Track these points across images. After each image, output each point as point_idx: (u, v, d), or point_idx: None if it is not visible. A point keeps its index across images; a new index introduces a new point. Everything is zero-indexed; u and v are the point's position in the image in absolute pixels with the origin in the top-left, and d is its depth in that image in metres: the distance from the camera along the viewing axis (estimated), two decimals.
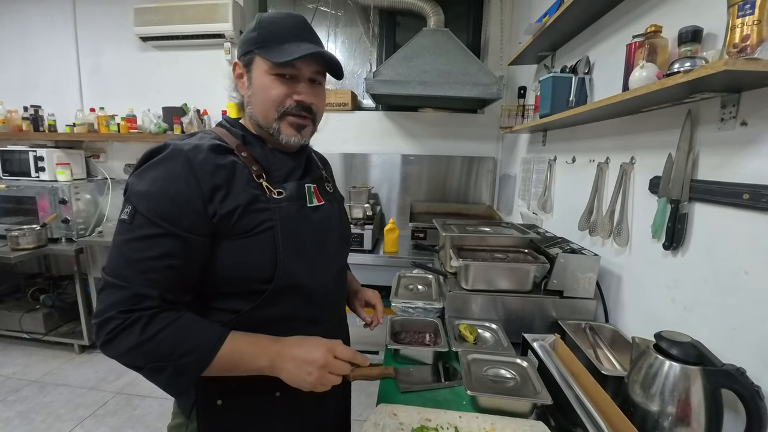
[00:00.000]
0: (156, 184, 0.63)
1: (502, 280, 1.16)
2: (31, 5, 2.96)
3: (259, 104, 0.73)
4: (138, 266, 0.61)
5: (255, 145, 0.76)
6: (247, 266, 0.68)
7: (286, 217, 0.72)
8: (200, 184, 0.64)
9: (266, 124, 0.74)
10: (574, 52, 1.59)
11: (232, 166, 0.69)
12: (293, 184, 0.76)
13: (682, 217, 0.89)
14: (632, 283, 1.11)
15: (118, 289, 0.61)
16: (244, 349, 0.65)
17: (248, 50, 0.72)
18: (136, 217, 0.62)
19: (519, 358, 0.94)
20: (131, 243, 0.62)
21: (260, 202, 0.70)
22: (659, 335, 0.75)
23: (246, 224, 0.68)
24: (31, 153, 2.68)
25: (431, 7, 2.45)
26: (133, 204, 0.63)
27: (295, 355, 0.65)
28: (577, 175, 1.50)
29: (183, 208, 0.63)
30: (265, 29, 0.71)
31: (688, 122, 0.88)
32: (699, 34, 0.81)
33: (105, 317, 0.60)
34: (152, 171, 0.64)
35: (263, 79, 0.72)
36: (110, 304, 0.60)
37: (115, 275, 0.61)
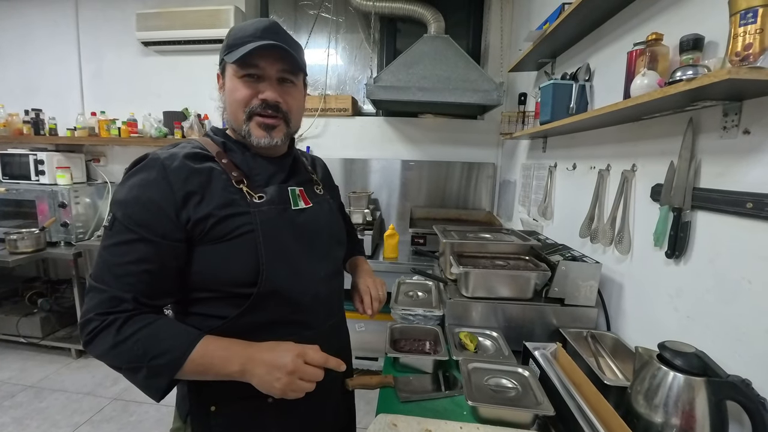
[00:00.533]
0: (132, 192, 0.66)
1: (503, 287, 1.15)
2: (34, 10, 2.98)
3: (229, 107, 0.75)
4: (115, 270, 0.64)
5: (236, 151, 0.77)
6: (226, 270, 0.69)
7: (266, 221, 0.72)
8: (173, 190, 0.66)
9: (237, 127, 0.75)
10: (574, 59, 1.59)
11: (209, 171, 0.70)
12: (274, 188, 0.76)
13: (685, 225, 0.88)
14: (634, 291, 1.10)
15: (99, 292, 0.64)
16: (215, 353, 0.64)
17: (220, 60, 0.75)
18: (115, 224, 0.66)
19: (520, 367, 0.93)
20: (110, 248, 0.65)
21: (238, 206, 0.70)
22: (663, 345, 0.74)
23: (222, 229, 0.68)
24: (31, 156, 2.68)
25: (432, 14, 2.46)
26: (113, 211, 0.67)
27: (265, 360, 0.64)
28: (578, 182, 1.50)
29: (156, 214, 0.65)
30: (232, 36, 0.73)
31: (689, 130, 0.88)
32: (700, 42, 0.81)
33: (86, 318, 0.63)
34: (131, 179, 0.68)
35: (231, 82, 0.73)
36: (91, 306, 0.63)
37: (97, 279, 0.65)
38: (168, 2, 2.76)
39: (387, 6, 2.56)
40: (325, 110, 2.75)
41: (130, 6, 2.78)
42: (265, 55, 0.71)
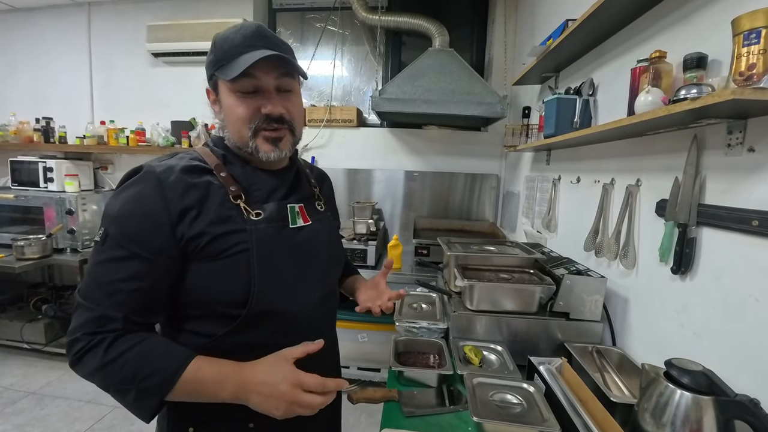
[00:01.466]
0: (125, 206, 0.63)
1: (508, 300, 1.15)
2: (47, 19, 3.06)
3: (231, 126, 0.71)
4: (106, 288, 0.61)
5: (235, 165, 0.74)
6: (217, 290, 0.66)
7: (263, 239, 0.69)
8: (169, 205, 0.64)
9: (243, 144, 0.71)
10: (577, 74, 1.61)
11: (206, 186, 0.68)
12: (273, 205, 0.73)
13: (690, 241, 0.88)
14: (639, 306, 1.10)
15: (87, 311, 0.61)
16: (206, 377, 0.61)
17: (211, 74, 0.71)
18: (107, 240, 0.63)
19: (525, 382, 0.93)
20: (101, 265, 0.62)
21: (234, 223, 0.68)
22: (669, 363, 0.74)
23: (217, 246, 0.66)
24: (40, 164, 2.72)
25: (436, 28, 2.50)
26: (105, 226, 0.64)
27: (261, 389, 0.61)
28: (582, 195, 1.50)
29: (150, 230, 0.63)
30: (219, 48, 0.69)
31: (694, 147, 0.88)
32: (704, 60, 0.83)
33: (73, 338, 0.61)
34: (124, 193, 0.65)
35: (228, 99, 0.70)
36: (79, 324, 0.61)
37: (85, 296, 0.62)
38: (178, 15, 2.83)
39: (393, 20, 2.60)
40: (330, 121, 2.78)
41: (142, 18, 2.85)
42: (260, 64, 0.66)
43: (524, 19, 2.46)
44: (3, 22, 3.12)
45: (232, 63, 0.67)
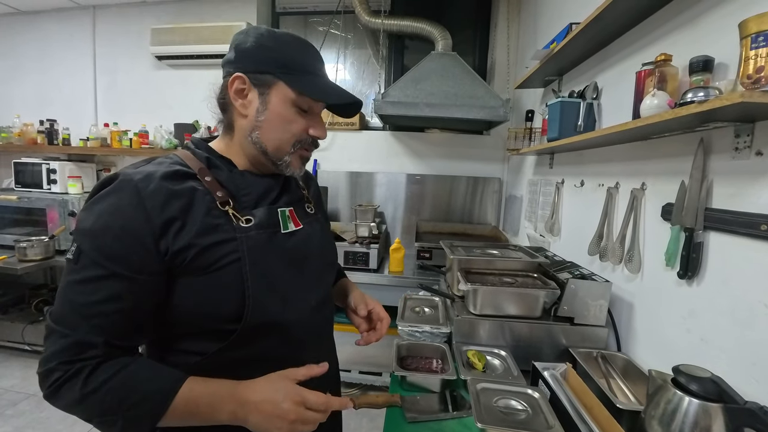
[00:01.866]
0: (100, 220, 0.57)
1: (511, 305, 1.14)
2: (52, 22, 3.08)
3: (275, 134, 0.67)
4: (82, 311, 0.55)
5: (221, 168, 0.68)
6: (209, 305, 0.61)
7: (254, 248, 0.64)
8: (150, 217, 0.58)
9: (276, 156, 0.68)
10: (581, 78, 1.61)
11: (191, 193, 0.62)
12: (263, 210, 0.68)
13: (697, 246, 0.87)
14: (645, 311, 1.09)
15: (61, 337, 0.55)
16: (200, 399, 0.57)
17: (266, 70, 0.65)
18: (81, 257, 0.56)
19: (530, 388, 0.91)
20: (75, 285, 0.56)
21: (223, 232, 0.62)
22: (677, 369, 0.72)
23: (206, 259, 0.60)
24: (44, 165, 2.73)
25: (439, 32, 2.51)
26: (78, 242, 0.57)
27: (261, 407, 0.57)
28: (586, 199, 1.49)
29: (130, 246, 0.57)
30: (284, 52, 0.65)
31: (700, 150, 0.88)
32: (710, 63, 0.82)
33: (46, 368, 0.55)
34: (98, 204, 0.58)
35: (283, 108, 0.66)
36: (52, 353, 0.54)
37: (58, 321, 0.56)
38: (182, 18, 2.85)
39: (395, 24, 2.61)
40: (332, 124, 2.79)
41: (146, 21, 2.87)
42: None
43: (527, 23, 2.46)
44: (8, 25, 3.15)
45: (308, 79, 0.66)
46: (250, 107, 0.66)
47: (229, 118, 0.70)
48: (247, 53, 0.65)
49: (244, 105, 0.67)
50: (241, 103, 0.67)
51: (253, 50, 0.65)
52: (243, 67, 0.65)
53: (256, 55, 0.65)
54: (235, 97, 0.66)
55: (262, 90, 0.66)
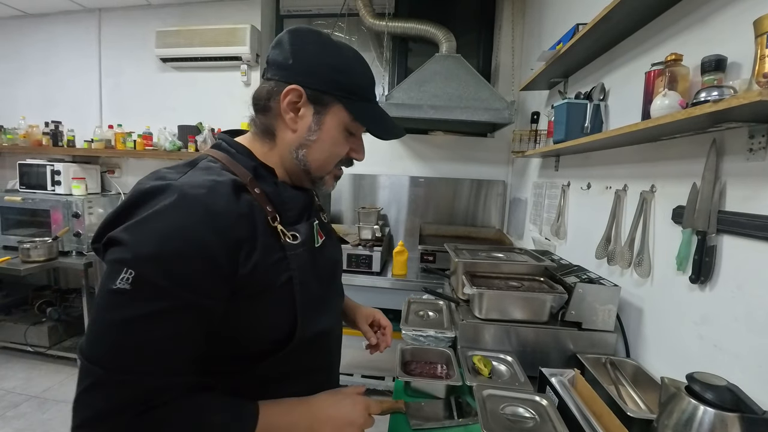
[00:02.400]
0: (169, 243, 0.49)
1: (518, 309, 1.12)
2: (58, 25, 3.10)
3: (322, 155, 0.64)
4: (150, 352, 0.48)
5: (267, 180, 0.63)
6: (259, 329, 0.59)
7: (302, 267, 0.62)
8: (223, 240, 0.52)
9: (317, 174, 0.66)
10: (587, 79, 1.59)
11: (251, 210, 0.57)
12: (305, 226, 0.66)
13: (710, 249, 0.85)
14: (655, 316, 1.06)
15: (119, 386, 0.46)
16: (278, 421, 0.57)
17: (328, 90, 0.61)
18: (144, 287, 0.47)
19: (537, 395, 0.89)
20: (138, 321, 0.47)
21: (276, 251, 0.59)
22: (691, 377, 0.70)
23: (264, 281, 0.57)
24: (48, 167, 2.74)
25: (443, 34, 2.50)
26: (137, 269, 0.47)
27: (334, 418, 0.61)
28: (593, 202, 1.47)
29: (205, 272, 0.50)
30: (349, 75, 0.62)
31: (713, 151, 0.86)
32: (723, 63, 0.80)
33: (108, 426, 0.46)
34: (157, 223, 0.49)
35: (336, 132, 0.64)
36: (114, 408, 0.46)
37: (112, 368, 0.46)
38: (187, 21, 2.86)
39: (399, 26, 2.61)
40: None
41: (151, 24, 2.88)
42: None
43: (531, 25, 2.45)
44: (16, 28, 3.18)
45: (367, 107, 0.65)
46: (300, 123, 0.62)
47: (270, 125, 0.64)
48: (309, 65, 0.61)
49: (294, 120, 0.62)
50: (291, 117, 0.62)
51: (315, 62, 0.61)
52: (303, 80, 0.60)
53: (320, 71, 0.61)
54: (287, 109, 0.61)
55: (318, 109, 0.62)
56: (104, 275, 0.49)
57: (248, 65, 2.80)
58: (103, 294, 0.48)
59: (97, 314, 0.49)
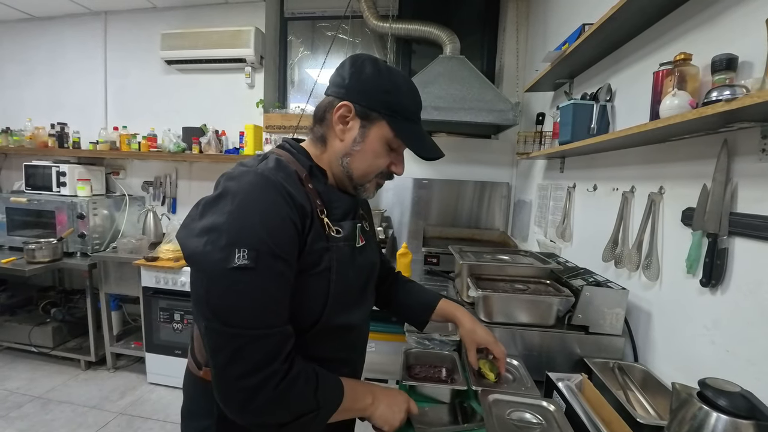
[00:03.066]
0: (269, 218, 0.60)
1: (523, 312, 1.10)
2: (64, 28, 3.13)
3: (363, 164, 0.72)
4: (276, 307, 0.60)
5: (319, 179, 0.73)
6: (295, 307, 0.65)
7: (341, 259, 0.70)
8: (300, 214, 0.63)
9: (359, 182, 0.74)
10: (593, 80, 1.57)
11: (307, 197, 0.67)
12: (349, 224, 0.74)
13: (721, 252, 0.83)
14: (664, 320, 1.04)
15: (263, 338, 0.58)
16: (356, 390, 0.70)
17: (375, 108, 0.69)
18: (261, 258, 0.57)
19: (545, 400, 0.87)
20: (265, 288, 0.58)
21: (321, 240, 0.67)
22: (703, 383, 0.68)
23: (310, 262, 0.66)
24: (54, 168, 2.75)
25: (447, 35, 2.49)
26: (252, 245, 0.57)
27: (387, 397, 0.74)
28: (599, 204, 1.45)
29: (294, 239, 0.62)
30: (396, 96, 0.70)
31: (724, 152, 0.84)
32: (734, 62, 0.79)
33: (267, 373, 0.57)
34: (253, 204, 0.60)
35: (378, 145, 0.71)
36: (265, 356, 0.57)
37: (256, 326, 0.57)
38: (191, 23, 2.87)
39: (403, 27, 2.61)
40: None
41: (156, 27, 2.90)
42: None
43: (536, 26, 2.44)
44: (23, 30, 3.21)
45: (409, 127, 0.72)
46: (348, 134, 0.71)
47: (324, 133, 0.74)
48: (362, 85, 0.69)
49: (343, 131, 0.71)
50: (341, 128, 0.71)
51: (368, 83, 0.69)
52: (354, 97, 0.69)
53: (370, 91, 0.69)
54: (338, 121, 0.71)
55: (364, 123, 0.70)
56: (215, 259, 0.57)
57: (252, 67, 2.81)
58: (219, 275, 0.57)
59: (216, 292, 0.57)
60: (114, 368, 2.67)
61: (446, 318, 0.99)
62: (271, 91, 3.01)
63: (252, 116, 2.84)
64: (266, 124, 2.81)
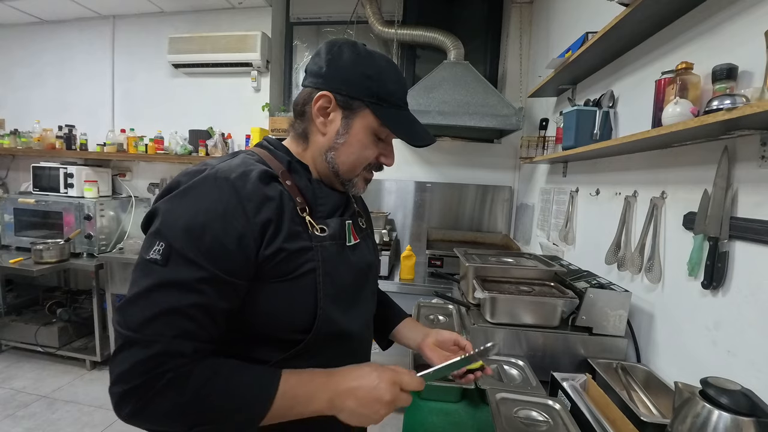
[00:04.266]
0: (198, 217, 0.54)
1: (529, 314, 1.13)
2: (73, 31, 3.17)
3: (349, 157, 0.67)
4: (171, 316, 0.51)
5: (300, 174, 0.67)
6: (283, 314, 0.60)
7: (328, 259, 0.64)
8: (249, 219, 0.56)
9: (346, 177, 0.69)
10: (595, 86, 1.60)
11: (280, 197, 0.60)
12: (336, 221, 0.68)
13: (722, 255, 0.86)
14: (666, 322, 1.07)
15: (144, 347, 0.50)
16: (297, 391, 0.56)
17: (357, 95, 0.64)
18: (172, 257, 0.52)
19: (550, 399, 0.90)
20: (164, 289, 0.52)
21: (302, 240, 0.61)
22: (705, 381, 0.70)
23: (287, 266, 0.59)
24: (61, 170, 2.78)
25: (452, 41, 2.53)
26: (168, 240, 0.53)
27: (356, 392, 0.57)
28: (602, 208, 1.48)
29: (230, 248, 0.54)
30: (379, 81, 0.64)
31: (724, 158, 0.87)
32: (734, 71, 0.81)
33: (131, 385, 0.49)
34: (191, 200, 0.55)
35: (363, 135, 0.66)
36: (134, 365, 0.49)
37: (139, 329, 0.50)
38: (199, 28, 2.91)
39: (408, 33, 2.64)
40: None
41: (164, 31, 2.94)
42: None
43: (539, 33, 2.47)
44: (32, 34, 3.25)
45: (396, 113, 0.66)
46: (330, 126, 0.66)
47: (305, 128, 0.69)
48: (341, 72, 0.64)
49: (324, 123, 0.66)
50: (321, 121, 0.66)
51: (347, 70, 0.64)
52: (333, 86, 0.64)
53: (350, 78, 0.64)
54: (317, 114, 0.65)
55: (346, 113, 0.65)
56: (143, 245, 0.55)
57: (258, 71, 2.85)
58: (139, 263, 0.54)
59: (132, 282, 0.54)
60: None
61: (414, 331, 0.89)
62: (277, 95, 3.05)
63: (258, 119, 2.88)
64: (272, 127, 2.84)
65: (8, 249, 2.78)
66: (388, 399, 0.57)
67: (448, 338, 0.83)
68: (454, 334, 0.84)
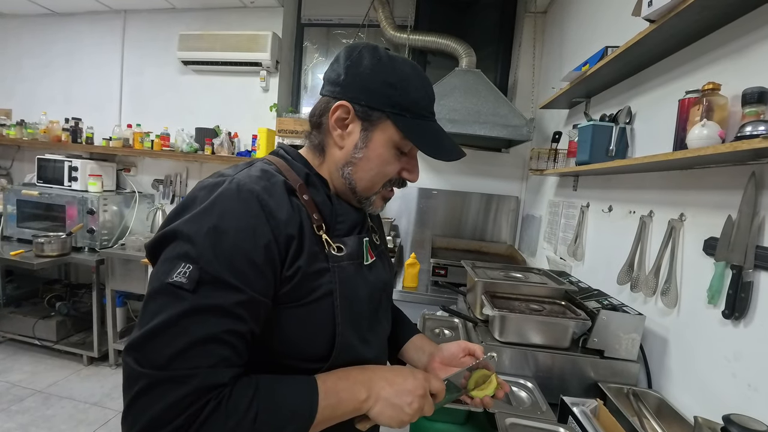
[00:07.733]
0: (228, 237, 0.49)
1: (538, 334, 1.10)
2: (84, 24, 3.16)
3: (367, 173, 0.62)
4: (207, 345, 0.46)
5: (318, 189, 0.62)
6: (301, 341, 0.57)
7: (346, 280, 0.59)
8: (277, 236, 0.52)
9: (363, 195, 0.64)
10: (611, 101, 1.58)
11: (299, 212, 0.57)
12: (354, 239, 0.63)
13: (746, 285, 0.82)
14: (681, 348, 1.03)
15: (179, 383, 0.44)
16: (337, 386, 0.54)
17: (378, 106, 0.59)
18: (203, 281, 0.47)
19: (561, 426, 0.87)
20: (198, 315, 0.47)
21: (320, 260, 0.57)
22: (728, 419, 0.68)
23: (306, 288, 0.55)
24: (66, 163, 2.77)
25: (464, 49, 2.51)
26: (197, 263, 0.48)
27: (393, 380, 0.56)
28: (615, 225, 1.45)
29: (262, 268, 0.51)
30: (406, 92, 0.59)
31: (751, 184, 0.84)
32: (766, 95, 0.79)
33: (174, 426, 0.43)
34: (216, 218, 0.50)
35: (384, 150, 0.61)
36: (171, 405, 0.43)
37: (168, 365, 0.44)
38: (210, 26, 2.90)
39: (420, 39, 2.62)
40: None
41: (175, 27, 2.93)
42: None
43: (551, 44, 2.45)
44: (42, 25, 3.25)
45: (420, 125, 0.61)
46: (347, 139, 0.61)
47: (321, 140, 0.64)
48: (360, 80, 0.59)
49: (342, 136, 0.61)
50: (339, 133, 0.61)
51: (367, 78, 0.59)
52: (352, 96, 0.59)
53: (370, 86, 0.59)
54: (335, 125, 0.61)
55: (366, 125, 0.60)
56: (159, 269, 0.50)
57: (268, 71, 2.83)
58: (158, 289, 0.48)
59: (150, 314, 0.47)
60: (116, 365, 2.67)
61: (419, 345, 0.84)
62: (285, 96, 3.03)
63: (265, 120, 2.86)
64: (279, 128, 2.82)
65: (10, 240, 2.77)
66: (421, 393, 0.57)
67: (455, 352, 0.77)
68: (461, 343, 0.78)
